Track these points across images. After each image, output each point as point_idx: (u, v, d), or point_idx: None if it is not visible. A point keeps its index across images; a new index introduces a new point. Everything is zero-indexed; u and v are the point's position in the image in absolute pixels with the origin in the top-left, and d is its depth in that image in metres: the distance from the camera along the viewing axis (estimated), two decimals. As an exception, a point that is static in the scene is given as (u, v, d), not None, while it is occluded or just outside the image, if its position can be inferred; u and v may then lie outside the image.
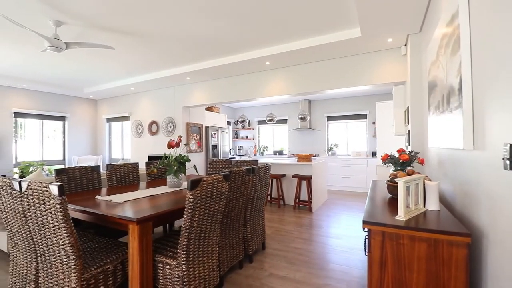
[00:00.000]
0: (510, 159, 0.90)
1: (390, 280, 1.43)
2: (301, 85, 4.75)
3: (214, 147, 7.38)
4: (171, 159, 2.80)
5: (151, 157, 6.85)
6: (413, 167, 2.70)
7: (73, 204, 2.03)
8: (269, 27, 3.49)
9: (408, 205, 1.56)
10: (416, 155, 2.68)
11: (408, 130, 3.48)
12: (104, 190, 2.75)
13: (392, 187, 2.08)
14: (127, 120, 7.47)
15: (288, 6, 2.98)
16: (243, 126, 9.23)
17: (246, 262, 2.70)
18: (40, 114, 6.91)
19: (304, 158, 5.30)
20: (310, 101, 8.10)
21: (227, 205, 2.25)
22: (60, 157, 7.37)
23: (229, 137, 9.00)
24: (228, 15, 3.16)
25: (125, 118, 7.51)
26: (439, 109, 2.12)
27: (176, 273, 1.75)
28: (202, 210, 1.81)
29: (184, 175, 3.39)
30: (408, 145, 3.47)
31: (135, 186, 3.01)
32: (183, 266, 1.74)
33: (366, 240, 1.93)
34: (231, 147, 9.32)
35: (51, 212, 1.53)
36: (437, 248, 1.34)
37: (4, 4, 2.86)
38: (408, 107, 3.52)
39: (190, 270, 1.78)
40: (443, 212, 1.64)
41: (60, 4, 2.88)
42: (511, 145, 0.91)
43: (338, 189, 7.11)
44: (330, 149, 7.66)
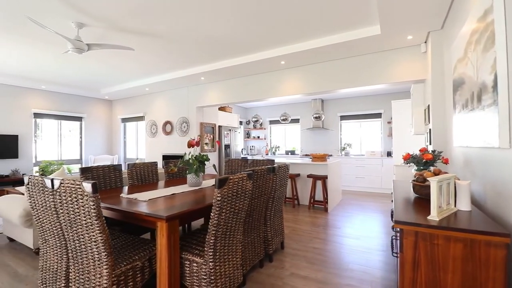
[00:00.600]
0: None
1: (424, 281, 1.41)
2: (317, 84, 4.72)
3: (227, 147, 7.42)
4: (192, 158, 2.82)
5: (165, 157, 6.94)
6: (436, 167, 2.65)
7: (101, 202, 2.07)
8: (286, 26, 3.48)
9: (440, 205, 1.53)
10: (440, 154, 2.63)
11: (429, 129, 3.41)
12: (126, 188, 2.80)
13: (419, 187, 2.04)
14: (142, 120, 7.58)
15: (307, 5, 2.96)
16: (255, 126, 9.25)
17: (266, 261, 2.70)
18: (58, 115, 7.09)
19: (319, 158, 5.26)
20: (323, 101, 8.04)
21: (250, 204, 2.25)
22: (77, 157, 7.54)
23: (241, 137, 9.03)
24: (245, 15, 3.17)
25: (140, 118, 7.62)
26: (468, 107, 2.06)
27: (203, 271, 1.77)
28: (228, 208, 1.82)
29: (203, 174, 3.41)
30: (429, 145, 3.40)
31: (155, 185, 3.05)
32: (210, 264, 1.75)
33: (395, 241, 1.90)
34: (243, 147, 9.35)
35: (84, 209, 1.56)
36: (474, 249, 1.30)
37: (29, 7, 2.94)
38: (429, 106, 3.45)
39: (217, 268, 1.79)
40: (475, 212, 1.60)
41: (83, 7, 2.94)
42: None
43: (352, 189, 7.03)
44: (344, 149, 7.58)
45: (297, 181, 5.31)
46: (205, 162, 2.92)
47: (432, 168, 2.50)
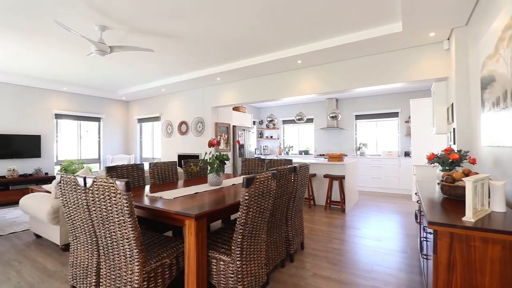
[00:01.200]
0: None
1: (459, 283, 1.37)
2: (334, 83, 4.67)
3: (241, 147, 7.44)
4: (212, 158, 2.84)
5: (181, 156, 7.03)
6: (462, 167, 2.58)
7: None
8: (304, 25, 3.47)
9: (475, 206, 1.49)
10: (467, 154, 2.56)
11: (453, 128, 3.32)
12: (148, 187, 2.85)
13: (448, 187, 1.99)
14: (158, 121, 7.71)
15: (327, 3, 2.94)
16: (268, 126, 9.25)
17: (287, 261, 2.70)
18: (78, 115, 7.30)
19: (335, 158, 5.21)
20: (337, 100, 7.95)
21: (273, 204, 2.26)
22: (96, 156, 7.74)
23: (254, 137, 9.04)
24: (264, 15, 3.18)
25: (156, 119, 7.75)
26: (499, 105, 2.00)
27: (231, 269, 1.78)
28: (255, 208, 1.83)
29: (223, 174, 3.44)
30: (453, 144, 3.31)
31: (175, 184, 3.09)
32: (238, 263, 1.77)
33: (425, 242, 1.86)
34: (256, 147, 9.36)
35: (117, 207, 1.60)
36: (514, 251, 1.26)
37: (55, 11, 3.04)
38: (453, 104, 3.36)
39: (244, 267, 1.80)
40: (511, 214, 1.55)
41: (107, 10, 3.02)
42: None
43: (368, 190, 6.92)
44: (359, 149, 7.48)
45: (313, 181, 5.28)
46: (225, 162, 2.94)
47: (461, 168, 2.44)
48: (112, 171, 2.76)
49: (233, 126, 7.23)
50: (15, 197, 5.58)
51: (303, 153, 8.55)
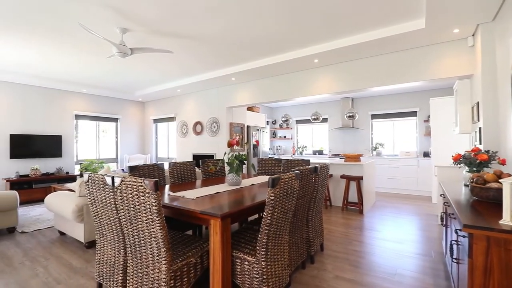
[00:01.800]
0: None
1: (497, 289, 1.32)
2: (351, 82, 4.60)
3: (255, 147, 7.44)
4: (232, 158, 2.85)
5: (196, 156, 7.10)
6: (491, 168, 2.49)
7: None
8: (322, 23, 3.43)
9: None
10: (495, 155, 2.46)
11: (479, 128, 3.21)
12: (167, 187, 2.89)
13: (479, 189, 1.92)
14: (173, 121, 7.81)
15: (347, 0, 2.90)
16: (281, 126, 9.22)
17: (308, 263, 2.67)
18: (96, 116, 7.49)
19: (353, 158, 5.13)
20: (353, 99, 7.83)
21: (295, 204, 2.24)
22: (113, 156, 7.92)
23: (268, 137, 9.03)
24: (283, 14, 3.16)
25: (171, 119, 7.86)
26: (535, 104, 1.91)
27: (255, 270, 1.78)
28: (280, 208, 1.82)
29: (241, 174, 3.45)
30: (479, 144, 3.20)
31: (194, 183, 3.12)
32: (263, 263, 1.76)
33: (456, 246, 1.80)
34: (269, 147, 9.34)
35: (145, 206, 1.62)
36: (558, 257, 1.20)
37: (78, 15, 3.12)
38: (478, 103, 3.25)
39: (269, 268, 1.80)
40: (551, 218, 1.47)
41: (128, 12, 3.08)
42: None
43: (385, 191, 6.78)
44: (375, 149, 7.34)
45: (330, 182, 5.21)
46: (244, 162, 2.94)
47: (491, 169, 2.35)
48: (135, 171, 2.81)
49: (247, 126, 7.24)
50: (38, 195, 5.78)
51: (317, 153, 8.47)
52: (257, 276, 1.77)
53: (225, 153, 2.93)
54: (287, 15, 3.19)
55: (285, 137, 9.32)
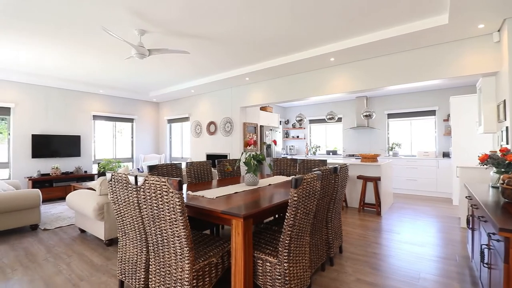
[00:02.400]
0: None
1: (537, 297, 1.25)
2: (368, 81, 4.51)
3: (268, 147, 7.42)
4: (249, 158, 2.84)
5: (209, 156, 7.14)
6: (521, 169, 2.37)
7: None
8: (340, 21, 3.37)
9: (553, 212, 1.35)
10: (526, 155, 2.35)
11: (506, 127, 3.08)
12: (185, 186, 2.90)
13: (510, 191, 1.83)
14: (187, 121, 7.89)
15: (368, -2, 2.83)
16: (294, 125, 9.15)
17: (327, 265, 2.63)
18: (113, 116, 7.65)
19: (369, 159, 5.03)
20: (368, 98, 7.69)
21: (316, 205, 2.20)
22: (129, 155, 8.07)
23: (280, 137, 8.99)
24: (301, 13, 3.12)
25: (185, 119, 7.94)
26: None
27: (278, 271, 1.76)
28: (302, 209, 1.79)
29: (260, 173, 3.43)
30: (506, 144, 3.07)
31: (211, 183, 3.12)
32: (285, 265, 1.74)
33: (487, 250, 1.73)
34: (282, 147, 9.30)
35: (169, 205, 1.63)
36: None
37: (100, 18, 3.19)
38: (505, 101, 3.11)
39: (291, 269, 1.77)
40: None
41: (148, 13, 3.12)
42: None
43: (402, 192, 6.62)
44: (392, 149, 7.18)
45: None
46: (262, 162, 2.92)
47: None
48: (154, 170, 2.84)
49: (260, 126, 7.22)
50: (58, 194, 5.95)
51: (331, 153, 8.36)
52: (279, 278, 1.75)
53: (242, 153, 2.92)
54: (303, 14, 3.15)
55: (298, 137, 9.25)
